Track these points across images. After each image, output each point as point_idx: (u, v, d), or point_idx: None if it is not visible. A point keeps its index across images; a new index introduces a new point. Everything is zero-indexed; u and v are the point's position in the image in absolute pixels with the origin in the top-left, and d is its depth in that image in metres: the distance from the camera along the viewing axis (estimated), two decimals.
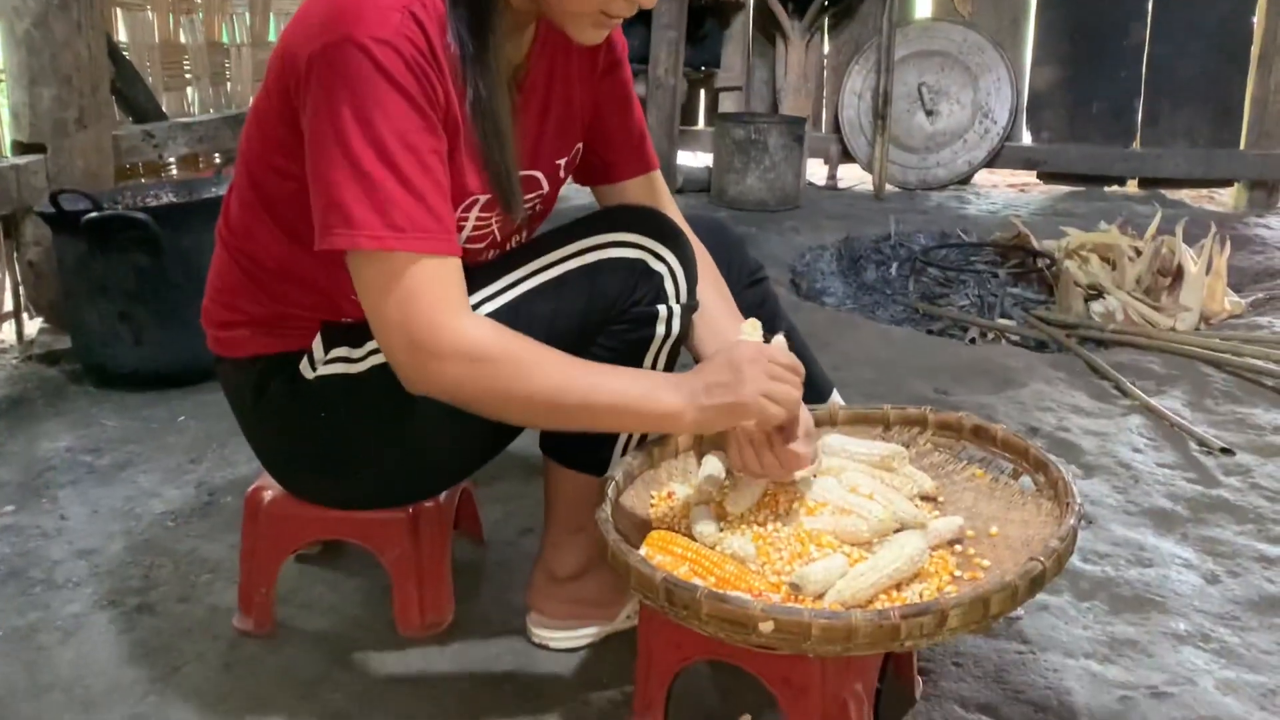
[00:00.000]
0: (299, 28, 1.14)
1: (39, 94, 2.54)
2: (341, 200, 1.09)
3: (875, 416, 1.49)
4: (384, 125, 1.08)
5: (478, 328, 1.13)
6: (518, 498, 1.86)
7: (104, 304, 2.35)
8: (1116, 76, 4.89)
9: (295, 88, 1.13)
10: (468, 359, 1.11)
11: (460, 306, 1.13)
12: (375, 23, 1.08)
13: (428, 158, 1.11)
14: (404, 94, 1.08)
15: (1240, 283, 3.30)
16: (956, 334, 2.98)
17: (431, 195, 1.11)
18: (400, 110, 1.08)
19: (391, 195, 1.08)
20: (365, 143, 1.08)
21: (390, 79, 1.08)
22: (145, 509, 1.86)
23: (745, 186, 4.44)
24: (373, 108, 1.08)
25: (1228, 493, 1.92)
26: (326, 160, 1.10)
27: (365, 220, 1.08)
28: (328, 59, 1.08)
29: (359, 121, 1.08)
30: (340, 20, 1.08)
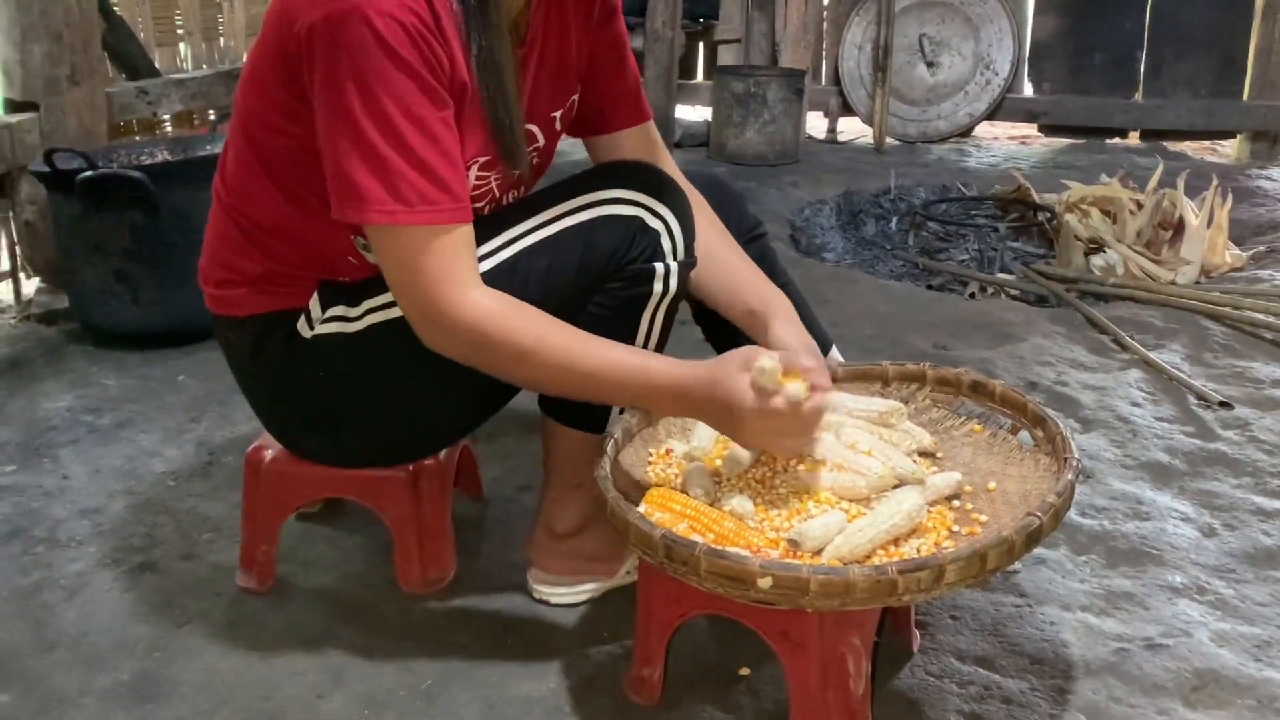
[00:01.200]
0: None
1: (30, 50, 2.51)
2: (352, 175, 1.10)
3: (874, 373, 1.49)
4: (389, 99, 1.08)
5: (482, 303, 1.15)
6: (517, 454, 1.87)
7: (100, 263, 2.34)
8: (1119, 26, 4.83)
9: (295, 53, 1.12)
10: (471, 333, 1.14)
11: (467, 279, 1.15)
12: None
13: (434, 127, 1.11)
14: (407, 66, 1.08)
15: (1241, 235, 3.29)
16: (956, 289, 2.97)
17: (440, 165, 1.11)
18: (405, 83, 1.08)
19: (399, 169, 1.09)
20: (371, 118, 1.08)
21: (393, 52, 1.07)
22: (146, 468, 1.86)
23: (744, 140, 4.41)
24: (377, 82, 1.07)
25: (1226, 446, 1.93)
26: (335, 135, 1.10)
27: (375, 195, 1.10)
28: (330, 31, 1.07)
29: (364, 96, 1.08)
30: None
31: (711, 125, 4.59)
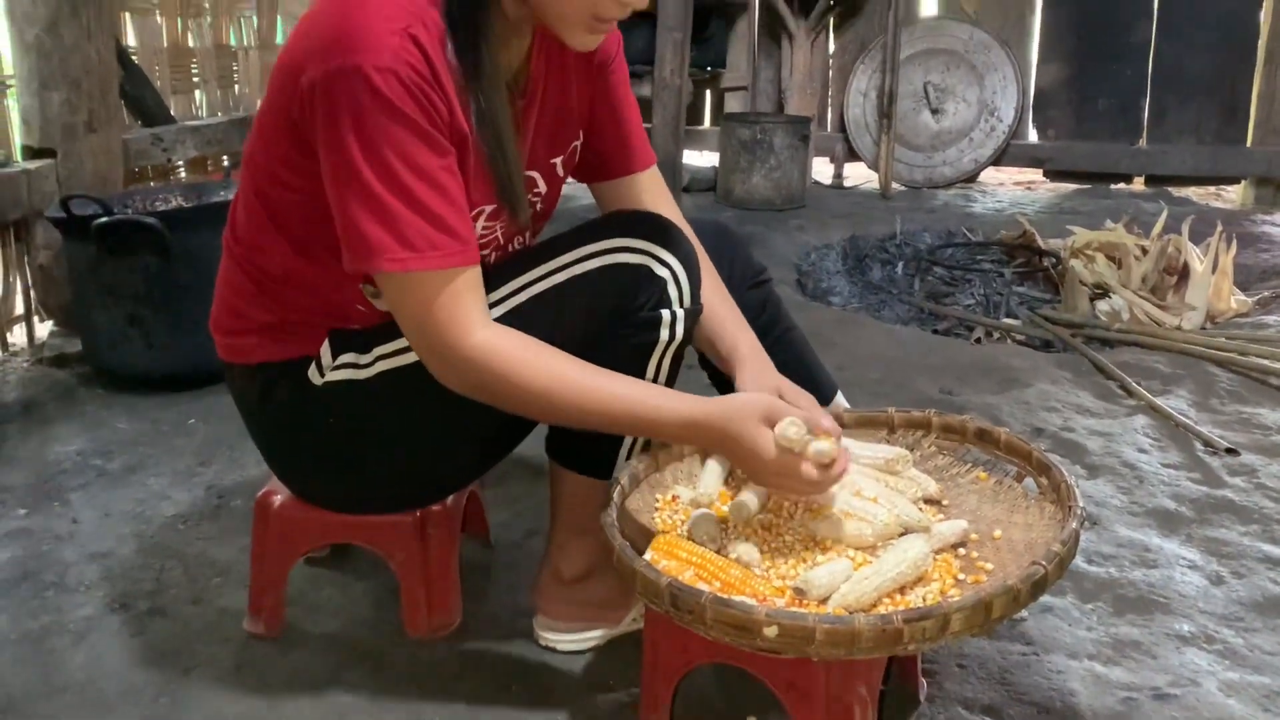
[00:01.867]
0: (301, 45, 1.15)
1: (49, 99, 2.55)
2: (360, 227, 1.13)
3: (880, 419, 1.50)
4: (391, 151, 1.10)
5: (492, 341, 1.17)
6: (524, 499, 1.87)
7: (114, 307, 2.37)
8: (1123, 74, 4.89)
9: (299, 109, 1.14)
10: (483, 371, 1.17)
11: (476, 319, 1.17)
12: (376, 49, 1.09)
13: (437, 175, 1.13)
14: (406, 119, 1.10)
15: (1246, 281, 3.30)
16: (962, 333, 2.99)
17: (444, 210, 1.14)
18: (405, 135, 1.10)
19: (405, 217, 1.12)
20: (375, 170, 1.11)
21: (392, 106, 1.09)
22: (156, 512, 1.87)
23: (751, 185, 4.45)
24: (379, 136, 1.10)
25: (1233, 493, 1.93)
26: (342, 189, 1.13)
27: (384, 244, 1.12)
28: (331, 88, 1.10)
29: (366, 150, 1.10)
30: (342, 47, 1.09)
31: (719, 170, 4.64)
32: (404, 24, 1.11)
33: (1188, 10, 4.74)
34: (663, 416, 1.20)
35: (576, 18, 1.18)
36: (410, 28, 1.11)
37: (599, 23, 1.19)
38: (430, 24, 1.13)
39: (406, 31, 1.11)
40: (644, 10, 1.23)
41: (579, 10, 1.17)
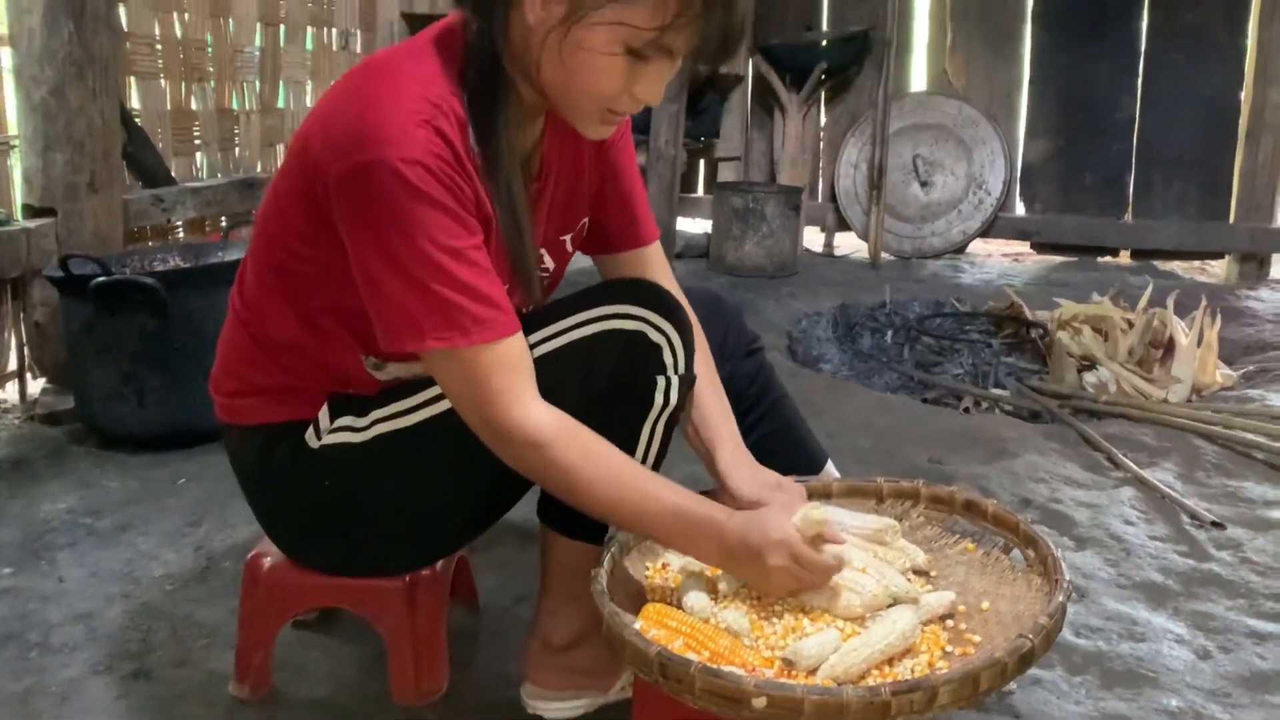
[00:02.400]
0: (325, 137, 1.17)
1: (52, 159, 2.59)
2: (405, 310, 1.15)
3: (869, 489, 1.51)
4: (426, 239, 1.12)
5: (542, 420, 1.19)
6: (513, 564, 1.87)
7: (109, 365, 2.38)
8: (1108, 149, 4.99)
9: (324, 195, 1.17)
10: (531, 447, 1.19)
11: (523, 393, 1.19)
12: (402, 142, 1.11)
13: (471, 254, 1.16)
14: (438, 204, 1.13)
15: (1231, 355, 3.34)
16: (951, 403, 3.01)
17: (484, 286, 1.16)
18: (439, 221, 1.13)
19: (450, 300, 1.14)
20: (414, 259, 1.13)
21: (424, 196, 1.12)
22: (144, 572, 1.87)
23: (743, 253, 4.51)
24: (414, 225, 1.12)
25: (1219, 567, 1.94)
26: (381, 278, 1.15)
27: (430, 325, 1.14)
28: (360, 182, 1.12)
29: (405, 241, 1.12)
30: (368, 141, 1.12)
31: (712, 237, 4.70)
32: (427, 115, 1.13)
33: (1170, 89, 4.86)
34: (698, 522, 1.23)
35: (591, 110, 1.21)
36: (433, 119, 1.14)
37: (613, 115, 1.23)
38: (451, 112, 1.16)
39: (430, 123, 1.13)
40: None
41: (594, 104, 1.20)
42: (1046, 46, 5.00)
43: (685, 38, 1.15)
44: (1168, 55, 4.84)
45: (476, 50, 1.21)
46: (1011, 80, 5.07)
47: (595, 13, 1.13)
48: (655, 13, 1.12)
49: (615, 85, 1.18)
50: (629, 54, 1.15)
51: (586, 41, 1.14)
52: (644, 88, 1.19)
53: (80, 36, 2.56)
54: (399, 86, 1.16)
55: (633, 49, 1.15)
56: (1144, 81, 4.90)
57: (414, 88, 1.16)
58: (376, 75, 1.19)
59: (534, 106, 1.27)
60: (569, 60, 1.16)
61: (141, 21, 3.06)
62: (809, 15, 5.21)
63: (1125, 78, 4.92)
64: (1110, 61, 4.91)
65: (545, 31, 1.16)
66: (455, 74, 1.20)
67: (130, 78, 3.07)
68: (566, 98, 1.21)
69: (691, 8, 1.12)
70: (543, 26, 1.16)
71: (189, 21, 3.25)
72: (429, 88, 1.16)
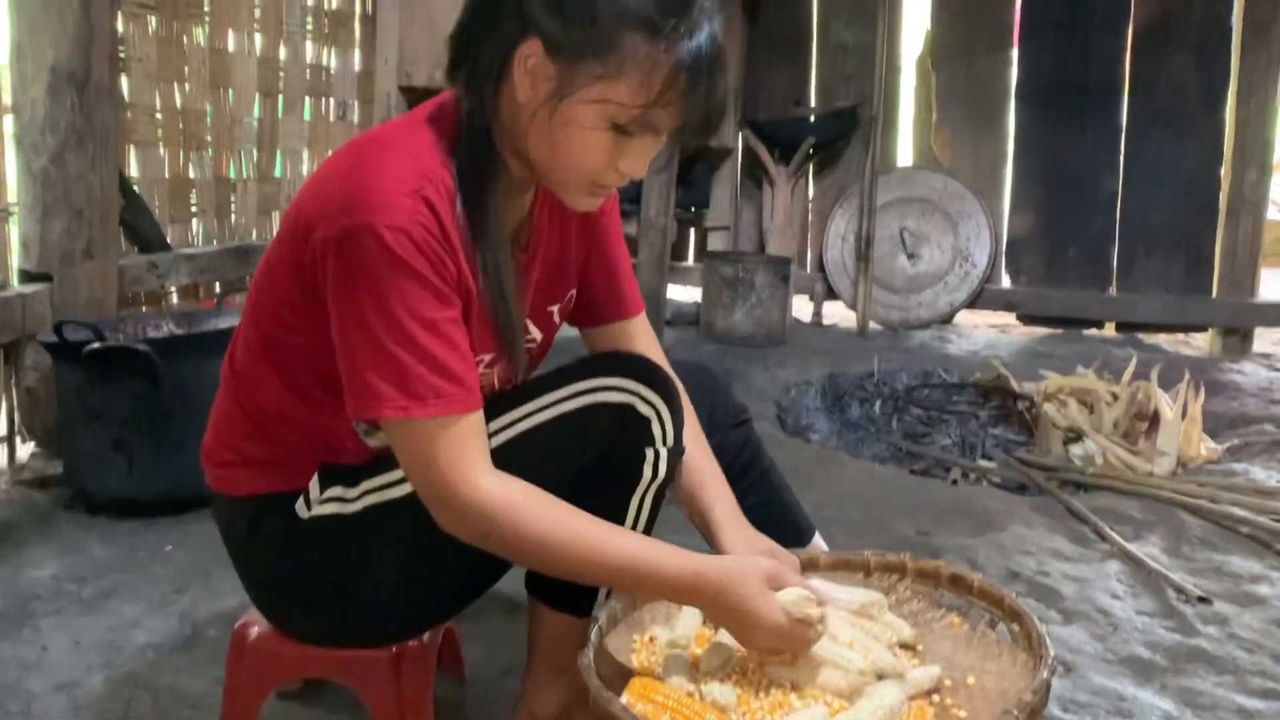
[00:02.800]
0: (317, 202, 1.20)
1: (50, 225, 2.62)
2: (367, 377, 1.16)
3: (856, 562, 1.52)
4: (400, 306, 1.14)
5: (494, 489, 1.19)
6: (500, 635, 1.86)
7: (99, 431, 2.38)
8: (1091, 224, 5.07)
9: (311, 262, 1.19)
10: (484, 519, 1.18)
11: (477, 465, 1.19)
12: (390, 210, 1.14)
13: (444, 327, 1.17)
14: (417, 275, 1.15)
15: (1216, 428, 3.37)
16: (939, 474, 3.02)
17: (449, 358, 1.17)
18: (414, 290, 1.15)
19: (410, 367, 1.15)
20: (384, 324, 1.14)
21: (403, 263, 1.14)
22: (127, 640, 1.85)
23: (733, 322, 4.55)
24: (389, 291, 1.14)
25: (1206, 642, 1.94)
26: (350, 341, 1.17)
27: (389, 394, 1.15)
28: (345, 245, 1.15)
29: (378, 305, 1.14)
30: (357, 206, 1.15)
31: (702, 306, 4.75)
32: (416, 185, 1.16)
33: (1151, 166, 4.96)
34: (665, 569, 1.22)
35: (578, 184, 1.25)
36: (422, 189, 1.16)
37: (599, 188, 1.26)
38: (441, 184, 1.19)
39: (419, 193, 1.16)
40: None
41: (580, 178, 1.23)
42: (1030, 124, 5.12)
43: (669, 116, 1.19)
44: (1148, 133, 4.95)
45: (468, 125, 1.24)
46: (996, 156, 5.17)
47: (581, 90, 1.16)
48: (639, 91, 1.16)
49: (601, 160, 1.21)
50: (614, 130, 1.19)
51: (573, 118, 1.18)
52: (629, 162, 1.23)
53: (83, 107, 2.61)
54: (391, 158, 1.19)
55: (618, 125, 1.18)
56: (1125, 158, 5.01)
57: (405, 160, 1.19)
58: (370, 148, 1.22)
59: (524, 180, 1.30)
60: (556, 135, 1.19)
61: (143, 92, 3.12)
62: (798, 91, 5.32)
63: (1107, 155, 5.02)
64: (1092, 139, 5.02)
65: (534, 108, 1.19)
66: (447, 148, 1.23)
67: (130, 145, 3.11)
68: (554, 171, 1.24)
69: (674, 87, 1.16)
70: (531, 103, 1.19)
71: (189, 92, 3.31)
72: (420, 160, 1.20)
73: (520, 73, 1.18)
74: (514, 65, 1.18)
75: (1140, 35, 4.94)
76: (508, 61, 1.19)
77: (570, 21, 1.14)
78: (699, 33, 1.16)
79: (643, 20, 1.14)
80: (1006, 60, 5.12)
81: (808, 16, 5.29)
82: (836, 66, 5.27)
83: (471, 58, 1.23)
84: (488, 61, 1.21)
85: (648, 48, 1.14)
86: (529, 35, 1.16)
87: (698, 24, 1.16)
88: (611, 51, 1.14)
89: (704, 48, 1.16)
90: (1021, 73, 5.10)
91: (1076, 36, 4.99)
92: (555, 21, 1.15)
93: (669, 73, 1.15)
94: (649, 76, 1.15)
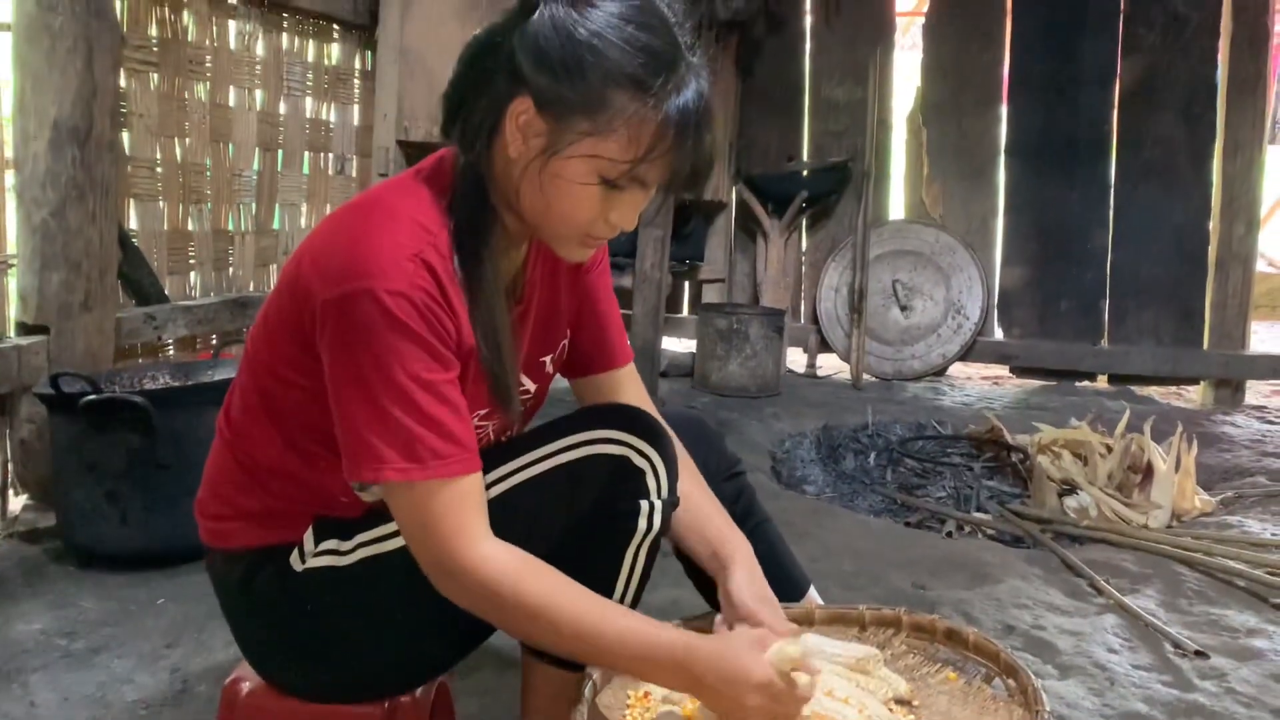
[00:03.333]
0: (317, 266, 1.21)
1: (48, 278, 2.63)
2: (367, 439, 1.17)
3: (851, 616, 1.52)
4: (399, 369, 1.16)
5: (494, 558, 1.19)
6: (493, 690, 1.85)
7: (93, 483, 2.38)
8: (1083, 277, 5.11)
9: (310, 323, 1.20)
10: (483, 588, 1.19)
11: (477, 532, 1.19)
12: (390, 275, 1.16)
13: (443, 389, 1.19)
14: (417, 338, 1.16)
15: (1210, 480, 3.38)
16: (934, 526, 3.02)
17: (449, 420, 1.18)
18: (414, 353, 1.16)
19: (412, 431, 1.16)
20: (384, 387, 1.16)
21: (403, 327, 1.15)
22: (117, 696, 1.83)
23: (727, 373, 4.57)
24: (389, 354, 1.15)
25: (1203, 697, 1.93)
26: (350, 403, 1.18)
27: (389, 456, 1.16)
28: (344, 310, 1.16)
29: (377, 368, 1.16)
30: (358, 272, 1.16)
31: (696, 357, 4.77)
32: (416, 250, 1.18)
33: (1141, 221, 5.01)
34: (659, 639, 1.21)
35: (569, 236, 1.27)
36: (422, 253, 1.18)
37: (591, 239, 1.28)
38: (440, 247, 1.21)
39: (418, 256, 1.18)
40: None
41: (572, 230, 1.26)
42: (1020, 178, 5.18)
43: (657, 170, 1.21)
44: (1137, 188, 5.02)
45: (463, 181, 1.27)
46: (987, 210, 5.23)
47: (571, 146, 1.19)
48: (628, 147, 1.18)
49: (591, 213, 1.23)
50: (604, 184, 1.21)
51: (564, 172, 1.20)
52: (619, 215, 1.25)
53: (84, 161, 2.64)
54: (389, 221, 1.21)
55: (607, 180, 1.20)
56: (1115, 213, 5.06)
57: (404, 223, 1.21)
58: (368, 210, 1.24)
59: (518, 234, 1.32)
60: (548, 189, 1.22)
61: (144, 146, 3.15)
62: (791, 146, 5.40)
63: (1097, 209, 5.08)
64: (1082, 193, 5.08)
65: (525, 163, 1.22)
66: (444, 205, 1.26)
67: (130, 199, 3.14)
68: (546, 224, 1.26)
69: (662, 142, 1.18)
70: (523, 158, 1.22)
71: (190, 146, 3.35)
72: (418, 221, 1.21)
73: (512, 128, 1.21)
74: (506, 121, 1.21)
75: (1127, 92, 5.02)
76: (500, 118, 1.21)
77: (560, 79, 1.17)
78: (686, 90, 1.18)
79: (630, 78, 1.16)
80: (996, 116, 5.20)
81: (800, 74, 5.38)
82: (829, 122, 5.35)
83: (465, 114, 1.25)
84: (480, 118, 1.23)
85: (636, 105, 1.16)
86: (520, 92, 1.19)
87: (685, 81, 1.19)
88: (600, 109, 1.17)
89: (691, 104, 1.19)
90: (1011, 128, 5.18)
91: (1065, 93, 5.07)
92: (545, 79, 1.17)
93: (656, 129, 1.17)
94: (637, 133, 1.17)
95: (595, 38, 1.16)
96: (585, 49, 1.16)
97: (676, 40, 1.20)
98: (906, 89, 5.43)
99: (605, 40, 1.16)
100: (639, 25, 1.18)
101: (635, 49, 1.16)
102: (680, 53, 1.20)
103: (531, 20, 1.18)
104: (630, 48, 1.16)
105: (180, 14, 3.27)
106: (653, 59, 1.17)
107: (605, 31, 1.16)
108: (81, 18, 2.61)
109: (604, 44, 1.16)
